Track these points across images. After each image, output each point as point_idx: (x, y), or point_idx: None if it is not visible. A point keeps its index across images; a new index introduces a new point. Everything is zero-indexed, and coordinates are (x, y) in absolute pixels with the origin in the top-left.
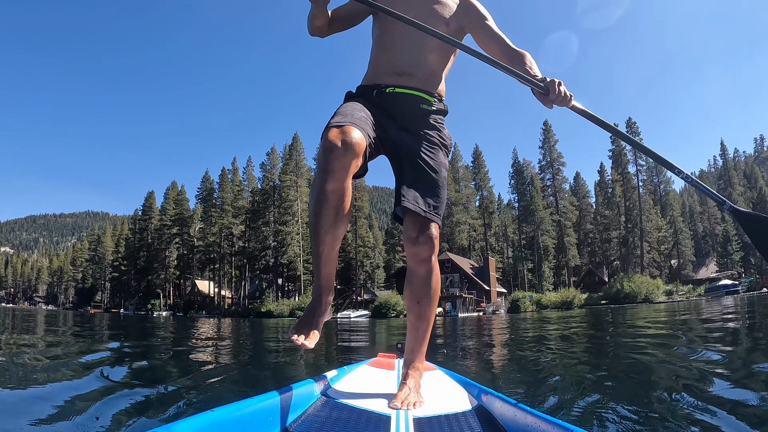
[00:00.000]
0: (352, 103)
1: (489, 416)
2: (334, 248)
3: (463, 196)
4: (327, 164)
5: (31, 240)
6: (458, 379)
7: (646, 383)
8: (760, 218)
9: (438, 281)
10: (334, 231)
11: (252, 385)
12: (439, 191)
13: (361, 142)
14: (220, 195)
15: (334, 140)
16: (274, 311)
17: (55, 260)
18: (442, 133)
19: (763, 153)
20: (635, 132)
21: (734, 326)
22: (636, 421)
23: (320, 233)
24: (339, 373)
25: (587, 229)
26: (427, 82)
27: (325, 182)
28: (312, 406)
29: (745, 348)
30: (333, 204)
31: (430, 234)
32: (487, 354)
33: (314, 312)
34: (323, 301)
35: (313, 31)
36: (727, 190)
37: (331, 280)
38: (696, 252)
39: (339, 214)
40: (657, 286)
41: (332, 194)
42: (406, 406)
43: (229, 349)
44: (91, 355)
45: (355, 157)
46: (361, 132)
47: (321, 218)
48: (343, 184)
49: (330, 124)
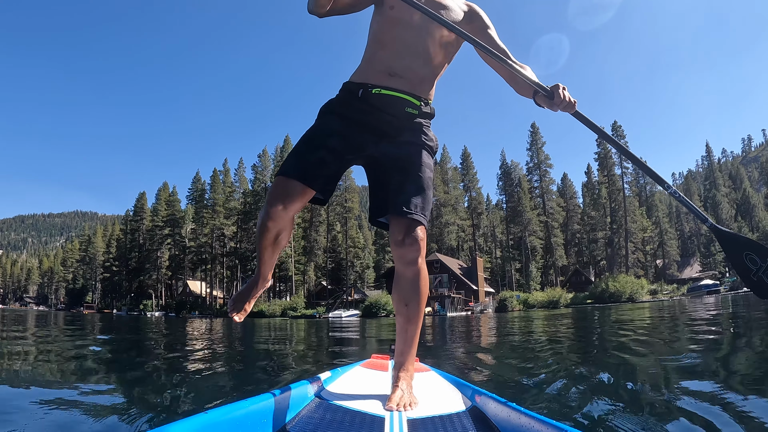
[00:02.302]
0: (316, 140)
1: (483, 417)
2: (273, 256)
3: (451, 197)
4: (268, 211)
5: (20, 240)
6: (452, 380)
7: (631, 379)
8: (735, 237)
9: (426, 283)
10: (273, 248)
11: (245, 385)
12: (425, 192)
13: (302, 196)
14: (212, 196)
15: (277, 194)
16: (266, 311)
17: (45, 261)
18: (427, 136)
19: (751, 153)
20: (620, 135)
21: (704, 323)
22: (627, 419)
23: (262, 249)
24: (333, 375)
25: (574, 229)
26: (417, 86)
27: (267, 221)
28: (306, 407)
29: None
30: (272, 234)
31: (416, 236)
32: (477, 352)
33: (252, 289)
34: (259, 284)
35: (314, 6)
36: (711, 192)
37: (269, 270)
38: (682, 252)
39: (277, 239)
40: (641, 286)
41: (272, 228)
42: (401, 407)
43: (222, 349)
44: (91, 355)
45: (298, 207)
46: (306, 186)
47: (262, 240)
48: (283, 223)
49: (281, 169)
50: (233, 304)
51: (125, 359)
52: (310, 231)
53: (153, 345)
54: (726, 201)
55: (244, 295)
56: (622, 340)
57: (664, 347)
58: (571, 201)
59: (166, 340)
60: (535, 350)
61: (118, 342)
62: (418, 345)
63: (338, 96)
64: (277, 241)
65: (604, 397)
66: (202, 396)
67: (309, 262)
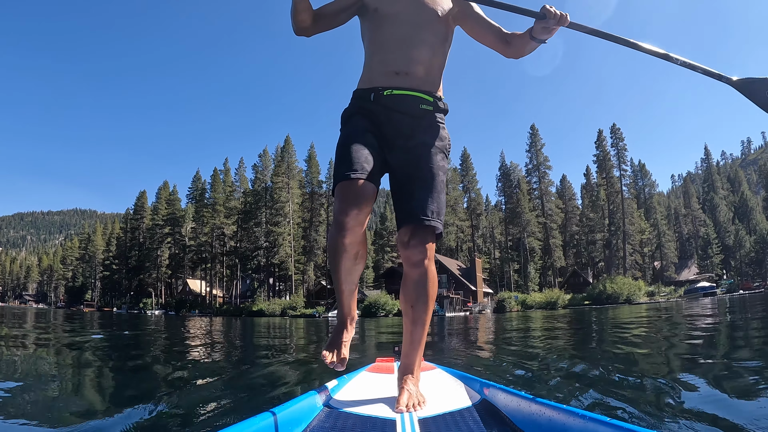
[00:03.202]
0: (355, 139)
1: (493, 409)
2: (354, 284)
3: (451, 198)
4: (343, 223)
5: (19, 238)
6: (459, 376)
7: (632, 371)
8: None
9: (434, 286)
10: (352, 273)
11: (250, 389)
12: (437, 197)
13: (372, 195)
14: (212, 195)
15: (348, 200)
16: (266, 310)
17: (45, 258)
18: (441, 136)
19: (750, 156)
20: (619, 138)
21: (700, 322)
22: (629, 407)
23: (341, 277)
24: (339, 383)
25: (573, 230)
26: (425, 82)
27: (343, 237)
28: (316, 418)
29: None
30: (351, 254)
31: (421, 238)
32: (476, 351)
33: (340, 335)
34: (347, 326)
35: (297, 28)
36: (709, 194)
37: (353, 308)
38: (681, 253)
39: (357, 258)
40: (638, 288)
41: (350, 246)
42: (411, 408)
43: (224, 349)
44: (92, 355)
45: (369, 209)
46: (371, 183)
47: (339, 266)
48: (359, 236)
49: (341, 175)
50: (327, 349)
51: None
52: (310, 231)
53: (162, 347)
54: (724, 204)
55: (335, 343)
56: (616, 339)
57: (661, 345)
58: (570, 202)
59: (169, 335)
60: (533, 349)
61: (122, 338)
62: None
63: (351, 103)
64: (357, 260)
65: (602, 390)
66: (207, 404)
67: (309, 261)
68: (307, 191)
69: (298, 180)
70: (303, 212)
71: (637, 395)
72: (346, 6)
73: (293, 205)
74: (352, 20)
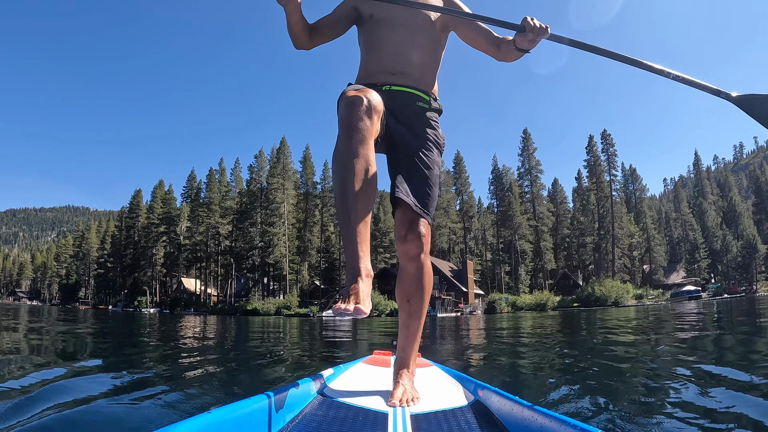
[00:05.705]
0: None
1: (486, 410)
2: (365, 215)
3: (444, 200)
4: (352, 119)
5: (11, 234)
6: (454, 375)
7: (620, 373)
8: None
9: (429, 280)
10: (365, 194)
11: (244, 383)
12: (431, 189)
13: (380, 104)
14: (208, 195)
15: (358, 95)
16: (261, 309)
17: (38, 256)
18: (437, 132)
19: (743, 160)
20: (609, 143)
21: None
22: (619, 411)
23: (350, 199)
24: (335, 372)
25: (564, 233)
26: (421, 81)
27: (351, 138)
28: (309, 405)
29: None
30: (362, 165)
31: (419, 231)
32: (467, 350)
33: (355, 286)
34: (361, 277)
35: (295, 42)
36: (698, 200)
37: (366, 255)
38: (671, 257)
39: (369, 176)
40: (627, 291)
41: (360, 151)
42: (404, 403)
43: (218, 347)
44: (91, 355)
45: (378, 115)
46: (378, 96)
47: (351, 179)
48: (370, 142)
49: (347, 89)
50: (345, 304)
51: (125, 357)
52: (305, 231)
53: (155, 341)
54: (713, 209)
55: (348, 293)
56: (602, 340)
57: (646, 346)
58: (561, 206)
59: (164, 332)
60: (523, 349)
61: (122, 336)
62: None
63: None
64: (369, 179)
65: (594, 392)
66: (202, 395)
67: (303, 261)
68: (302, 192)
69: (293, 181)
70: (298, 213)
71: (622, 398)
72: (342, 16)
73: (288, 205)
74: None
